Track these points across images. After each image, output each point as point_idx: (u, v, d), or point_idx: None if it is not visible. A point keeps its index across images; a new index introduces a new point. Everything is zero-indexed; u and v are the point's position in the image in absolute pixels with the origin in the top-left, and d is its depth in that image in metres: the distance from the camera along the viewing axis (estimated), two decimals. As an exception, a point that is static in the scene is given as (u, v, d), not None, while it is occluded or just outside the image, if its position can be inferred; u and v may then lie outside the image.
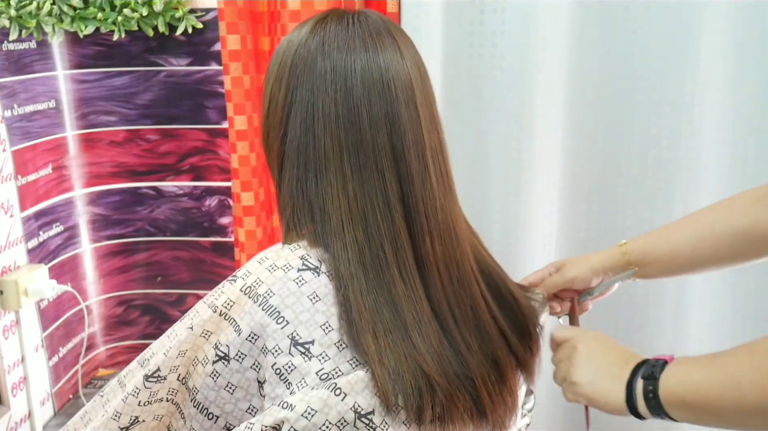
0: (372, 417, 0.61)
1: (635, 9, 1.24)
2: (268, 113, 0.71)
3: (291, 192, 0.69)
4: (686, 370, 0.60)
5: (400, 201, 0.67)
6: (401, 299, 0.65)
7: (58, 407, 1.50)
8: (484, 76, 1.31)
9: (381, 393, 0.62)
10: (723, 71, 1.20)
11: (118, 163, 1.53)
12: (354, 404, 0.61)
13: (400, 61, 0.68)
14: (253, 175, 1.36)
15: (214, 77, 1.46)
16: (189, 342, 0.66)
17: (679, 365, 0.61)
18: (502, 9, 1.27)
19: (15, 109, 1.35)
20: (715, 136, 1.23)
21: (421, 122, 0.68)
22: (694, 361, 0.60)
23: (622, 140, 1.30)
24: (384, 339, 0.63)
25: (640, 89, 1.27)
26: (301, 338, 0.63)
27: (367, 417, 0.61)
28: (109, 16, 1.39)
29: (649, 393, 0.61)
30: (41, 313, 1.42)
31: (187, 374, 0.66)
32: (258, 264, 0.68)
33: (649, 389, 0.61)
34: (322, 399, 0.60)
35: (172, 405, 0.68)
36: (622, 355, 0.68)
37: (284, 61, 0.69)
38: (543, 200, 1.34)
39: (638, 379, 0.63)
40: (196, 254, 1.58)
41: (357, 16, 0.70)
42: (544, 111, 1.30)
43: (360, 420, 0.61)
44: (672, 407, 0.60)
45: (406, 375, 0.63)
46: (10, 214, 1.33)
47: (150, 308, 1.63)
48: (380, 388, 0.62)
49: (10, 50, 1.34)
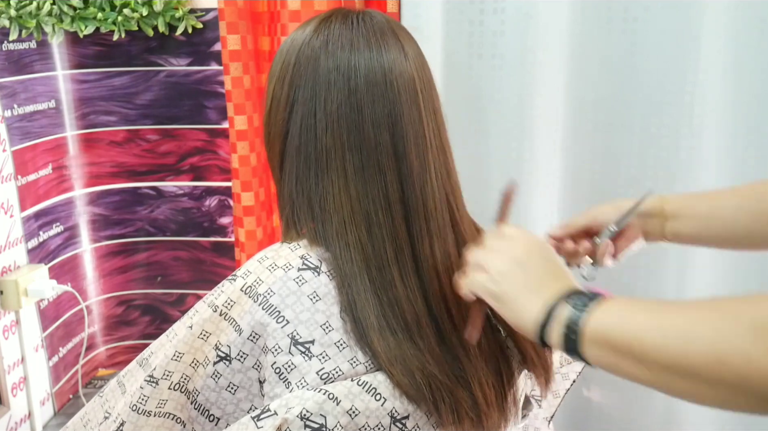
0: (406, 421, 0.63)
1: (635, 9, 1.24)
2: (270, 111, 0.71)
3: (291, 190, 0.69)
4: (628, 309, 0.52)
5: (401, 201, 0.67)
6: (401, 299, 0.65)
7: (58, 407, 1.50)
8: (484, 76, 1.31)
9: (409, 395, 0.63)
10: (723, 71, 1.20)
11: (118, 163, 1.53)
12: (392, 409, 0.62)
13: (404, 61, 0.68)
14: (254, 175, 1.36)
15: (214, 77, 1.46)
16: (187, 343, 0.66)
17: (617, 304, 0.53)
18: (502, 9, 1.27)
19: (15, 109, 1.35)
20: (715, 136, 1.23)
21: (424, 122, 0.68)
22: (638, 302, 0.52)
23: (622, 140, 1.30)
24: (391, 338, 0.64)
25: (640, 89, 1.27)
26: (301, 337, 0.63)
27: (402, 422, 0.63)
28: (109, 16, 1.39)
29: (573, 324, 0.53)
30: (41, 313, 1.42)
31: (182, 379, 0.66)
32: (258, 263, 0.68)
33: (575, 317, 0.53)
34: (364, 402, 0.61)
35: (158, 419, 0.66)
36: (559, 271, 0.60)
37: (287, 59, 0.69)
38: (543, 200, 1.34)
39: (563, 304, 0.55)
40: (196, 254, 1.58)
41: (361, 16, 0.69)
42: (544, 111, 1.30)
43: (395, 424, 0.62)
44: (592, 343, 0.52)
45: (417, 374, 0.63)
46: (10, 214, 1.33)
47: (150, 308, 1.63)
48: (403, 389, 0.62)
49: (10, 50, 1.34)
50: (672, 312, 0.49)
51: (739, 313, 0.46)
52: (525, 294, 0.58)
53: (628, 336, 0.50)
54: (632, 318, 0.51)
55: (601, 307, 0.53)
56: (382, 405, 0.61)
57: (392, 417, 0.62)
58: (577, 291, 0.57)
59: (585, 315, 0.53)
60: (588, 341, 0.53)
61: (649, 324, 0.49)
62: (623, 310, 0.52)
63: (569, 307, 0.55)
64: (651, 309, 0.51)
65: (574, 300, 0.55)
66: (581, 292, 0.56)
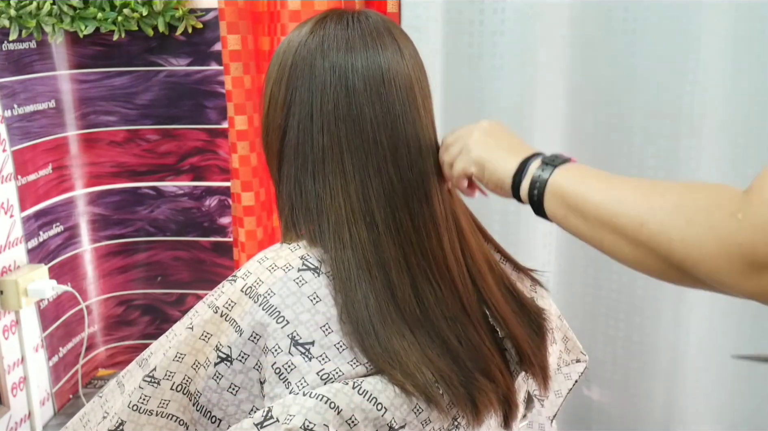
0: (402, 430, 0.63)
1: (635, 9, 1.24)
2: (268, 113, 0.71)
3: (290, 191, 0.69)
4: (583, 173, 0.61)
5: (403, 200, 0.67)
6: (401, 299, 0.66)
7: (58, 407, 1.50)
8: (484, 76, 1.31)
9: (423, 394, 0.63)
10: (723, 71, 1.20)
11: (118, 163, 1.53)
12: (391, 419, 0.62)
13: (401, 60, 0.68)
14: (254, 175, 1.36)
15: (214, 77, 1.46)
16: (188, 344, 0.66)
17: (579, 168, 0.62)
18: (502, 9, 1.27)
19: (15, 109, 1.35)
20: (715, 135, 1.23)
21: (422, 121, 0.69)
22: (595, 171, 0.61)
23: (622, 140, 1.30)
24: (392, 339, 0.64)
25: (640, 89, 1.27)
26: (301, 338, 0.63)
27: None
28: (109, 16, 1.39)
29: (540, 177, 0.62)
30: (41, 313, 1.42)
31: (185, 380, 0.66)
32: (258, 264, 0.68)
33: (542, 173, 0.62)
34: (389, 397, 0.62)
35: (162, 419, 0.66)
36: (521, 141, 0.68)
37: (284, 61, 0.69)
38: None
39: (536, 160, 0.63)
40: (196, 254, 1.58)
41: (357, 16, 0.70)
42: (544, 111, 1.30)
43: None
44: (551, 196, 0.61)
45: (417, 375, 0.63)
46: (10, 214, 1.33)
47: (150, 308, 1.63)
48: (420, 389, 0.63)
49: (10, 50, 1.34)
50: (618, 182, 0.58)
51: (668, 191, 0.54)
52: (501, 154, 0.66)
53: (577, 194, 0.59)
54: (584, 180, 0.59)
55: (564, 168, 0.62)
56: (382, 415, 0.61)
57: (390, 427, 0.62)
58: (550, 154, 0.64)
59: (549, 172, 0.62)
60: (548, 194, 0.61)
61: (596, 187, 0.58)
62: (581, 173, 0.60)
63: (539, 164, 0.63)
64: (603, 177, 0.59)
65: (545, 159, 0.63)
66: (554, 155, 0.64)
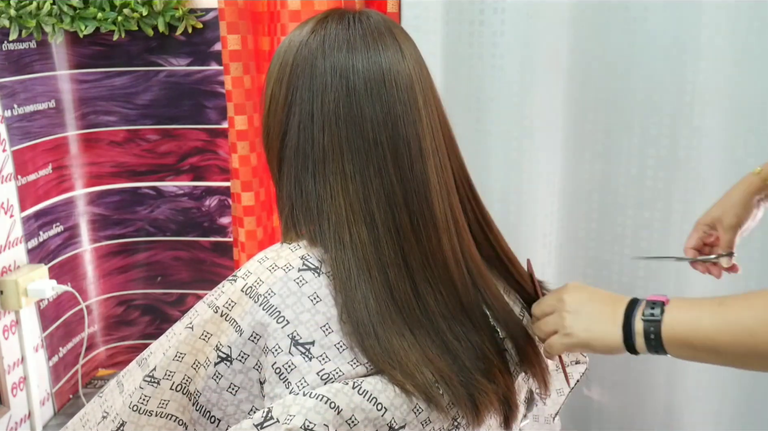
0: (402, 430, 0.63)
1: (635, 9, 1.24)
2: (268, 113, 0.71)
3: (290, 191, 0.69)
4: (693, 316, 0.62)
5: (403, 200, 0.67)
6: (401, 299, 0.65)
7: (58, 407, 1.50)
8: (484, 76, 1.31)
9: (423, 395, 0.63)
10: (723, 71, 1.20)
11: (118, 163, 1.53)
12: (391, 419, 0.62)
13: (402, 60, 0.68)
14: (254, 175, 1.36)
15: (214, 77, 1.46)
16: (188, 343, 0.66)
17: (681, 309, 0.63)
18: (502, 9, 1.27)
19: (15, 109, 1.35)
20: (715, 136, 1.23)
21: (423, 122, 0.68)
22: (698, 306, 0.62)
23: (622, 140, 1.30)
24: (392, 340, 0.63)
25: (640, 89, 1.27)
26: (301, 338, 0.63)
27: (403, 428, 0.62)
28: (109, 16, 1.39)
29: (650, 335, 0.63)
30: (41, 313, 1.42)
31: (184, 380, 0.66)
32: (258, 263, 0.68)
33: (651, 330, 0.63)
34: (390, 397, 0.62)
35: (161, 419, 0.67)
36: (609, 298, 0.69)
37: (285, 61, 0.69)
38: (543, 200, 1.34)
39: (637, 320, 0.64)
40: (196, 254, 1.58)
41: (358, 16, 0.69)
42: (544, 111, 1.30)
43: None
44: (674, 347, 0.62)
45: (417, 375, 0.63)
46: (10, 214, 1.33)
47: (150, 308, 1.63)
48: (420, 389, 0.62)
49: (10, 50, 1.34)
50: (730, 312, 0.59)
51: None
52: (601, 328, 0.67)
53: (701, 338, 0.60)
54: (699, 322, 0.61)
55: (669, 316, 0.63)
56: (382, 415, 0.61)
57: (390, 427, 0.62)
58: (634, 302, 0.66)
59: (657, 327, 0.63)
60: (668, 344, 0.63)
61: (716, 327, 0.60)
62: (690, 317, 0.62)
63: (642, 326, 0.64)
64: (712, 311, 0.60)
65: (642, 315, 0.64)
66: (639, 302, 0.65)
